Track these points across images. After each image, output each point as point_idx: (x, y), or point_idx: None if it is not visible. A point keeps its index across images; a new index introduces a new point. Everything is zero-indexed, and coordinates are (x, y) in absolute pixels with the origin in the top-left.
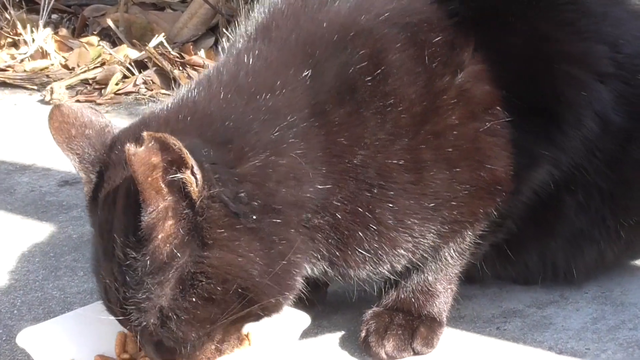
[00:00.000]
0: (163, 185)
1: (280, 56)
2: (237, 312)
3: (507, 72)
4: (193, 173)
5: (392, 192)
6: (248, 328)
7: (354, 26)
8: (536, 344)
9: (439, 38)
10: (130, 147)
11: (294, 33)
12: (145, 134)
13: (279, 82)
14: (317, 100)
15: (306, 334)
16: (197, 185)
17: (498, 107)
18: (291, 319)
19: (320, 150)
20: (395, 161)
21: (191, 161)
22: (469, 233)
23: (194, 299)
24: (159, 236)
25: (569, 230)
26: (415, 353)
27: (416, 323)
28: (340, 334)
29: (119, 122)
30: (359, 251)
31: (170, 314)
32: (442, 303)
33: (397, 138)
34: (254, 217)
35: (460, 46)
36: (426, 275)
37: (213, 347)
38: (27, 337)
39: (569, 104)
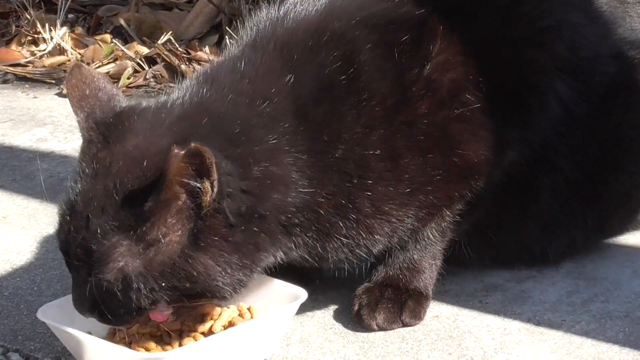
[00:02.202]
0: (183, 185)
1: (265, 63)
2: (188, 303)
3: (474, 59)
4: (212, 185)
5: (370, 181)
6: (249, 302)
7: (326, 31)
8: (516, 315)
9: (407, 37)
10: (176, 149)
11: (272, 41)
12: (193, 145)
13: (273, 90)
14: (299, 104)
15: (303, 307)
16: (210, 196)
17: (466, 94)
18: (290, 293)
19: (305, 152)
20: (372, 152)
21: (215, 176)
22: (448, 213)
23: (163, 283)
24: (157, 218)
25: (542, 216)
26: (404, 325)
27: (404, 297)
28: (334, 307)
29: None
30: (337, 238)
31: (132, 284)
32: (428, 278)
33: (373, 130)
34: (242, 227)
35: (427, 41)
36: (412, 253)
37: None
38: (47, 312)
39: (533, 87)
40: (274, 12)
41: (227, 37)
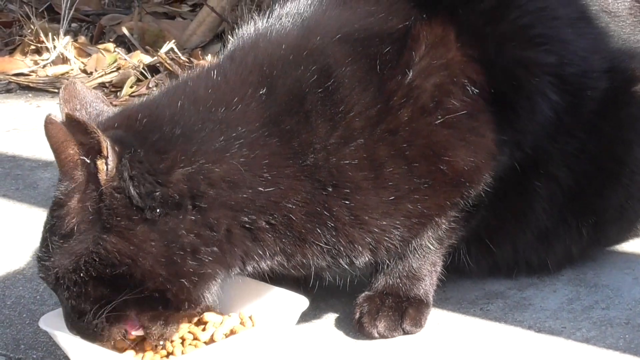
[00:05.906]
0: (78, 164)
1: (238, 74)
2: (132, 296)
3: (459, 61)
4: (106, 163)
5: (347, 190)
6: (250, 310)
7: (308, 46)
8: (517, 323)
9: (389, 48)
10: (51, 116)
11: (252, 54)
12: (66, 112)
13: (236, 99)
14: (270, 113)
15: (305, 315)
16: (105, 174)
17: (451, 99)
18: (291, 301)
19: (268, 157)
20: (349, 161)
21: (107, 152)
22: (443, 221)
23: (82, 275)
24: (68, 206)
25: (538, 225)
26: (405, 332)
27: (405, 305)
28: (335, 315)
29: None
30: (316, 244)
31: (62, 282)
32: (428, 285)
33: (351, 140)
34: (158, 211)
35: (410, 49)
36: (411, 262)
37: (120, 334)
38: (49, 321)
39: (522, 88)
40: (259, 25)
41: None
